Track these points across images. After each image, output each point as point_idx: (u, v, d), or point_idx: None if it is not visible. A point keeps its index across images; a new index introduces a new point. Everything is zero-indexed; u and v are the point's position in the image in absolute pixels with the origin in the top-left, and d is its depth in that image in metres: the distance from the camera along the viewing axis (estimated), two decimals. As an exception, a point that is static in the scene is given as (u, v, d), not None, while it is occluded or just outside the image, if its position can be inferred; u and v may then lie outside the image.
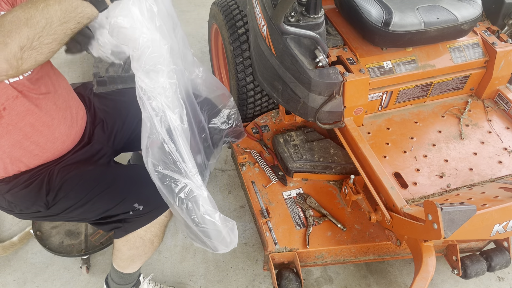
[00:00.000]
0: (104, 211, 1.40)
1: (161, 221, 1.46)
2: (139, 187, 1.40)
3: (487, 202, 1.38)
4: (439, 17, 1.71)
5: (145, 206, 1.37)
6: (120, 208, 1.38)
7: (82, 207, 1.38)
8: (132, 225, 1.42)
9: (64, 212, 1.40)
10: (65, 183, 1.37)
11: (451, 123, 1.92)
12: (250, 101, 2.20)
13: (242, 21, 2.09)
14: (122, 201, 1.38)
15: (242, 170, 1.95)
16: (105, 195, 1.37)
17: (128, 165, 1.53)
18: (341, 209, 1.81)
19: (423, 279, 1.41)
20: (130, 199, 1.37)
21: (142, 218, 1.40)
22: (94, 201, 1.37)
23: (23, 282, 1.87)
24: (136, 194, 1.38)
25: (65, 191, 1.36)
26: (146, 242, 1.48)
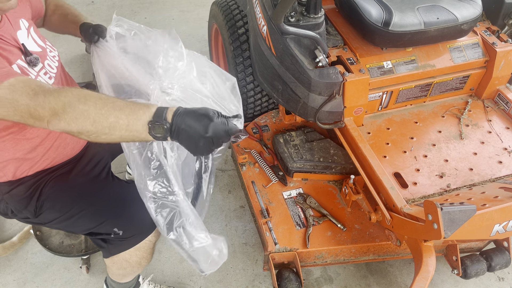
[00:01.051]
0: (87, 229, 1.39)
1: (146, 245, 1.43)
2: (121, 211, 1.36)
3: (487, 202, 1.38)
4: (439, 17, 1.71)
5: (124, 231, 1.35)
6: (101, 229, 1.37)
7: (66, 221, 1.37)
8: (115, 247, 1.40)
9: (51, 223, 1.40)
10: (54, 194, 1.36)
11: (451, 123, 1.92)
12: (250, 101, 2.20)
13: (242, 21, 2.09)
14: (102, 223, 1.36)
15: (242, 170, 1.95)
16: (87, 213, 1.36)
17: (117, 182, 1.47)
18: (341, 209, 1.81)
19: (423, 279, 1.41)
20: (110, 223, 1.35)
21: (123, 242, 1.38)
22: (77, 218, 1.36)
23: (23, 282, 1.87)
24: (116, 219, 1.35)
25: (52, 202, 1.36)
26: (132, 264, 1.47)
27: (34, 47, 1.29)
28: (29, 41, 1.28)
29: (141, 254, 1.46)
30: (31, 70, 1.23)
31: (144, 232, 1.38)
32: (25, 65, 1.22)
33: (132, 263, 1.47)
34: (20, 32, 1.25)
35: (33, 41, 1.30)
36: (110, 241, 1.40)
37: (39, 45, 1.32)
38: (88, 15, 1.61)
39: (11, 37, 1.20)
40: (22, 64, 1.20)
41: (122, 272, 1.53)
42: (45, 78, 1.28)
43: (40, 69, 1.27)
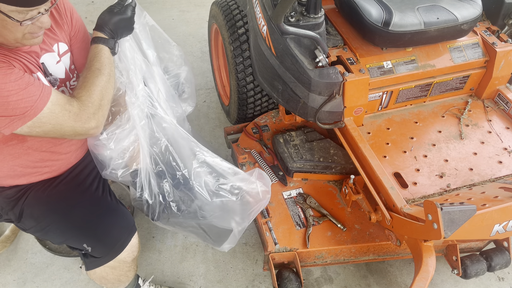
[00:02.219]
0: (60, 241, 1.39)
1: (121, 264, 1.43)
2: (91, 228, 1.35)
3: (487, 202, 1.38)
4: (439, 17, 1.71)
5: (93, 248, 1.35)
6: (72, 243, 1.37)
7: (41, 231, 1.38)
8: (90, 262, 1.40)
9: (29, 230, 1.40)
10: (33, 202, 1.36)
11: (451, 123, 1.92)
12: (250, 101, 2.20)
13: (242, 21, 2.09)
14: (71, 238, 1.36)
15: (242, 170, 1.95)
16: (58, 226, 1.36)
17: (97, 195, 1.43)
18: (341, 209, 1.81)
19: (423, 279, 1.41)
20: (79, 239, 1.35)
21: (95, 259, 1.38)
22: (48, 229, 1.36)
23: (23, 282, 1.87)
24: (85, 236, 1.35)
25: (31, 210, 1.36)
26: (111, 281, 1.48)
27: (59, 73, 1.29)
28: (57, 66, 1.28)
29: (118, 273, 1.45)
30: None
31: (114, 251, 1.37)
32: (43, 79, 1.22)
33: (110, 280, 1.48)
34: (48, 54, 1.25)
35: (63, 66, 1.30)
36: (86, 255, 1.40)
37: (66, 72, 1.32)
38: (88, 15, 1.62)
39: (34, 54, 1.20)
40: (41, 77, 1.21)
41: (104, 286, 1.55)
42: None
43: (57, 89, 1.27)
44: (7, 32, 1.07)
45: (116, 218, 1.38)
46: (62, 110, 1.13)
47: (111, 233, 1.36)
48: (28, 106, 1.07)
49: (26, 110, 1.07)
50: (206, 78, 2.98)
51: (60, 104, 1.12)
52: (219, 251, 1.99)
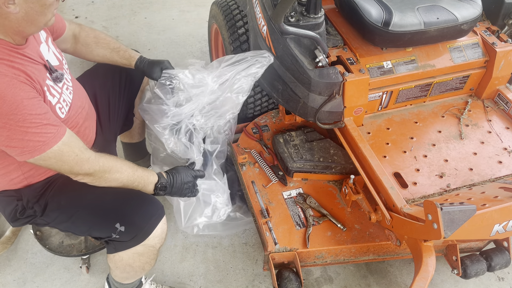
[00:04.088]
0: (88, 228, 1.39)
1: (149, 251, 1.43)
2: (123, 206, 1.37)
3: (487, 202, 1.38)
4: (439, 17, 1.71)
5: (127, 227, 1.34)
6: (103, 226, 1.37)
7: (68, 221, 1.38)
8: (119, 245, 1.40)
9: (54, 222, 1.40)
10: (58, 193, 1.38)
11: (451, 123, 1.92)
12: (250, 101, 2.20)
13: (242, 21, 2.09)
14: (102, 220, 1.36)
15: (242, 170, 1.95)
16: (87, 210, 1.37)
17: None
18: (341, 209, 1.81)
19: (423, 279, 1.41)
20: (111, 218, 1.35)
21: (126, 241, 1.37)
22: (76, 217, 1.37)
23: (23, 282, 1.87)
24: (118, 213, 1.36)
25: (57, 199, 1.37)
26: (136, 268, 1.47)
27: (54, 61, 1.31)
28: (50, 55, 1.29)
29: (144, 260, 1.45)
30: (56, 88, 1.26)
31: (144, 233, 1.37)
32: (52, 83, 1.24)
33: (135, 268, 1.47)
34: (42, 46, 1.26)
35: (53, 54, 1.31)
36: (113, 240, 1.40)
37: (57, 57, 1.33)
38: (88, 15, 1.63)
39: (37, 54, 1.22)
40: (50, 83, 1.23)
41: (125, 276, 1.54)
42: (66, 93, 1.32)
43: (63, 85, 1.30)
44: (42, 18, 1.11)
45: (144, 200, 1.41)
46: (71, 152, 1.19)
47: (142, 213, 1.38)
48: (41, 141, 1.12)
49: (38, 145, 1.12)
50: (206, 78, 2.97)
51: (71, 146, 1.19)
52: (219, 251, 1.99)
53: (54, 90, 1.25)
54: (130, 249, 1.38)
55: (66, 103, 1.30)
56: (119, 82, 1.70)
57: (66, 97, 1.31)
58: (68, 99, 1.32)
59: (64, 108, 1.28)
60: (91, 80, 1.67)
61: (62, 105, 1.27)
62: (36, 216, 1.41)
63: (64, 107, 1.28)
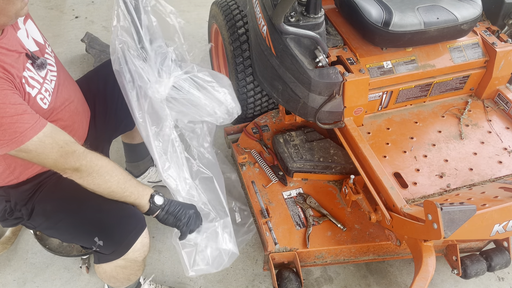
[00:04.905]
0: (71, 238, 1.38)
1: (132, 263, 1.41)
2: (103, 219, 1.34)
3: (487, 202, 1.38)
4: (439, 17, 1.71)
5: (105, 241, 1.32)
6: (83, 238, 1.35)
7: (52, 228, 1.37)
8: (101, 257, 1.38)
9: (40, 227, 1.39)
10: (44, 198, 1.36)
11: (451, 123, 1.92)
12: (250, 101, 2.20)
13: (242, 21, 2.09)
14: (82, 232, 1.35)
15: (242, 170, 1.95)
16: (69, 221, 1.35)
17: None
18: (341, 209, 1.81)
19: (423, 279, 1.41)
20: (90, 232, 1.33)
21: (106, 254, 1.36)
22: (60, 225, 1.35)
23: (23, 282, 1.87)
24: (98, 227, 1.33)
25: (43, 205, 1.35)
26: (121, 280, 1.47)
27: (34, 46, 1.27)
28: (29, 41, 1.26)
29: (128, 272, 1.44)
30: (37, 78, 1.22)
31: (123, 247, 1.34)
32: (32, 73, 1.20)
33: (120, 279, 1.47)
34: (20, 32, 1.23)
35: (32, 39, 1.28)
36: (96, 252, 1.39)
37: (37, 42, 1.29)
38: (88, 15, 1.62)
39: (17, 43, 1.19)
40: (29, 74, 1.19)
41: (113, 285, 1.54)
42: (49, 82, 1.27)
43: (46, 73, 1.26)
44: (11, 6, 1.08)
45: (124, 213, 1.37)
46: (54, 143, 1.14)
47: (121, 227, 1.35)
48: (18, 132, 1.08)
49: (15, 136, 1.08)
50: (206, 78, 2.97)
51: (53, 138, 1.15)
52: (219, 251, 1.99)
53: (34, 80, 1.21)
54: (111, 262, 1.36)
55: (49, 92, 1.26)
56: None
57: (49, 86, 1.27)
58: (50, 88, 1.28)
59: (46, 98, 1.24)
60: (92, 79, 1.67)
61: (44, 95, 1.23)
62: (24, 219, 1.40)
63: (46, 97, 1.24)
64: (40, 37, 1.32)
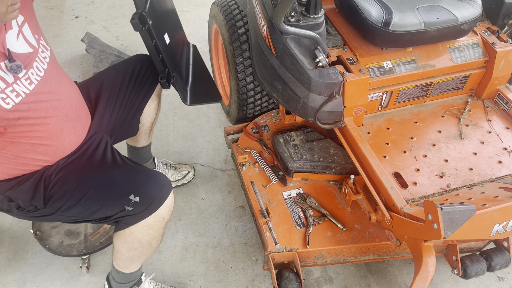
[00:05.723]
0: (100, 207, 1.38)
1: (159, 223, 1.45)
2: (134, 178, 1.40)
3: (487, 202, 1.38)
4: (439, 17, 1.71)
5: (141, 196, 1.36)
6: (116, 201, 1.37)
7: (77, 205, 1.37)
8: (131, 218, 1.40)
9: (60, 211, 1.39)
10: (62, 179, 1.37)
11: (451, 123, 1.92)
12: (250, 101, 2.20)
13: (242, 21, 2.09)
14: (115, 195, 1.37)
15: (242, 170, 1.95)
16: (97, 189, 1.37)
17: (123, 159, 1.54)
18: (341, 209, 1.81)
19: (423, 279, 1.41)
20: (125, 191, 1.36)
21: (140, 212, 1.38)
22: (87, 198, 1.36)
23: (23, 282, 1.87)
24: (131, 185, 1.38)
25: (60, 188, 1.36)
26: (144, 244, 1.48)
27: (24, 48, 1.26)
28: (18, 42, 1.24)
29: (153, 234, 1.47)
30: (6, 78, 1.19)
31: (157, 201, 1.40)
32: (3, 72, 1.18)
33: (143, 243, 1.48)
34: (10, 32, 1.22)
35: (23, 41, 1.26)
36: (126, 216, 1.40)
37: (30, 44, 1.28)
38: (88, 15, 1.62)
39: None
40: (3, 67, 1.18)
41: (131, 255, 1.52)
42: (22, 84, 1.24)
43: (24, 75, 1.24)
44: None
45: (152, 173, 1.44)
46: None
47: (154, 183, 1.40)
48: None
49: None
50: (206, 78, 2.97)
51: None
52: (219, 251, 1.99)
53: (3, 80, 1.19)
54: (141, 221, 1.40)
55: (17, 93, 1.22)
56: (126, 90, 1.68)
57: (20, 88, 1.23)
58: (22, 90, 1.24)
59: (10, 98, 1.20)
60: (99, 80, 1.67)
61: (7, 95, 1.19)
62: (38, 210, 1.40)
63: (10, 97, 1.20)
64: (35, 42, 1.31)
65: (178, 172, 2.24)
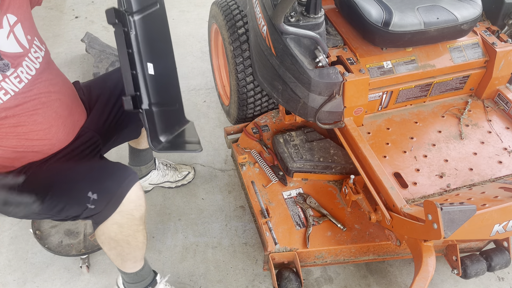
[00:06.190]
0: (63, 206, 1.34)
1: (128, 220, 1.37)
2: (93, 174, 1.34)
3: (487, 202, 1.38)
4: (439, 17, 1.71)
5: (99, 193, 1.29)
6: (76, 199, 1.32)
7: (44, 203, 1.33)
8: (97, 217, 1.35)
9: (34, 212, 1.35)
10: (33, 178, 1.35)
11: (451, 123, 1.92)
12: (250, 101, 2.20)
13: (242, 21, 2.09)
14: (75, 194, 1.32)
15: (242, 170, 1.95)
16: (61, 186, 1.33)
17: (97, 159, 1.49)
18: (341, 209, 1.81)
19: (423, 279, 1.41)
20: (84, 189, 1.30)
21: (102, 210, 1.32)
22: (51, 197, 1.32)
23: (23, 282, 1.87)
24: (89, 181, 1.32)
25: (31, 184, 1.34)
26: (121, 242, 1.42)
27: (13, 48, 1.26)
28: (8, 41, 1.24)
29: (126, 232, 1.40)
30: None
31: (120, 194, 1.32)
32: None
33: (119, 242, 1.42)
34: (1, 31, 1.22)
35: (14, 41, 1.26)
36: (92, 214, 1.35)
37: (21, 45, 1.28)
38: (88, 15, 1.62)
39: None
40: None
41: (114, 254, 1.48)
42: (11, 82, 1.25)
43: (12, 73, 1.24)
44: None
45: (115, 167, 1.38)
46: None
47: (113, 177, 1.33)
48: None
49: None
50: (206, 78, 2.98)
51: None
52: (219, 251, 1.99)
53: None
54: (108, 220, 1.34)
55: (5, 91, 1.23)
56: None
57: (9, 86, 1.25)
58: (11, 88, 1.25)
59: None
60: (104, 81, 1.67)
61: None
62: None
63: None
64: (26, 42, 1.30)
65: (178, 172, 2.24)
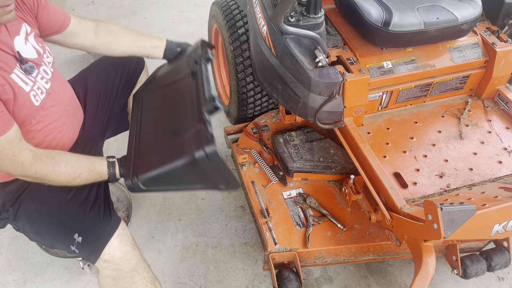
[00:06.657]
0: (51, 240, 1.35)
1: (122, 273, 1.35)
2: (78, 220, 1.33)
3: (487, 202, 1.38)
4: (439, 17, 1.71)
5: (84, 237, 1.30)
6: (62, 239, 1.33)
7: (33, 232, 1.36)
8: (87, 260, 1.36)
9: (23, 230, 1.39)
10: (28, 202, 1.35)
11: (451, 123, 1.92)
12: (250, 101, 2.20)
13: (242, 21, 2.09)
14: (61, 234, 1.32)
15: (242, 170, 1.95)
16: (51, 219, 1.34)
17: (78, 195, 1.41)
18: (341, 209, 1.81)
19: (423, 279, 1.41)
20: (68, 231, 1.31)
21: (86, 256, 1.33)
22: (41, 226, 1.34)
23: (23, 282, 1.87)
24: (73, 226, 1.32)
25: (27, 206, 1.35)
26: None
27: (31, 54, 1.29)
28: (26, 47, 1.28)
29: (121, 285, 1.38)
30: (27, 80, 1.23)
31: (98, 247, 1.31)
32: (22, 74, 1.22)
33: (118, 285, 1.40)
34: (18, 38, 1.25)
35: (31, 47, 1.30)
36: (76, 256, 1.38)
37: (36, 50, 1.32)
38: (88, 15, 1.62)
39: (7, 44, 1.20)
40: (19, 73, 1.21)
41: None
42: (42, 83, 1.30)
43: (37, 75, 1.28)
44: None
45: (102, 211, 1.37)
46: (10, 150, 1.14)
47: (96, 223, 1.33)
48: None
49: None
50: (206, 78, 2.97)
51: (12, 144, 1.15)
52: (219, 251, 1.99)
53: (27, 78, 1.23)
54: (100, 273, 1.36)
55: (41, 90, 1.28)
56: (112, 82, 1.68)
57: (42, 85, 1.29)
58: (43, 87, 1.29)
59: (38, 95, 1.26)
60: (84, 78, 1.67)
61: (36, 92, 1.25)
62: (9, 220, 1.39)
63: (38, 95, 1.26)
64: (40, 48, 1.34)
65: None
